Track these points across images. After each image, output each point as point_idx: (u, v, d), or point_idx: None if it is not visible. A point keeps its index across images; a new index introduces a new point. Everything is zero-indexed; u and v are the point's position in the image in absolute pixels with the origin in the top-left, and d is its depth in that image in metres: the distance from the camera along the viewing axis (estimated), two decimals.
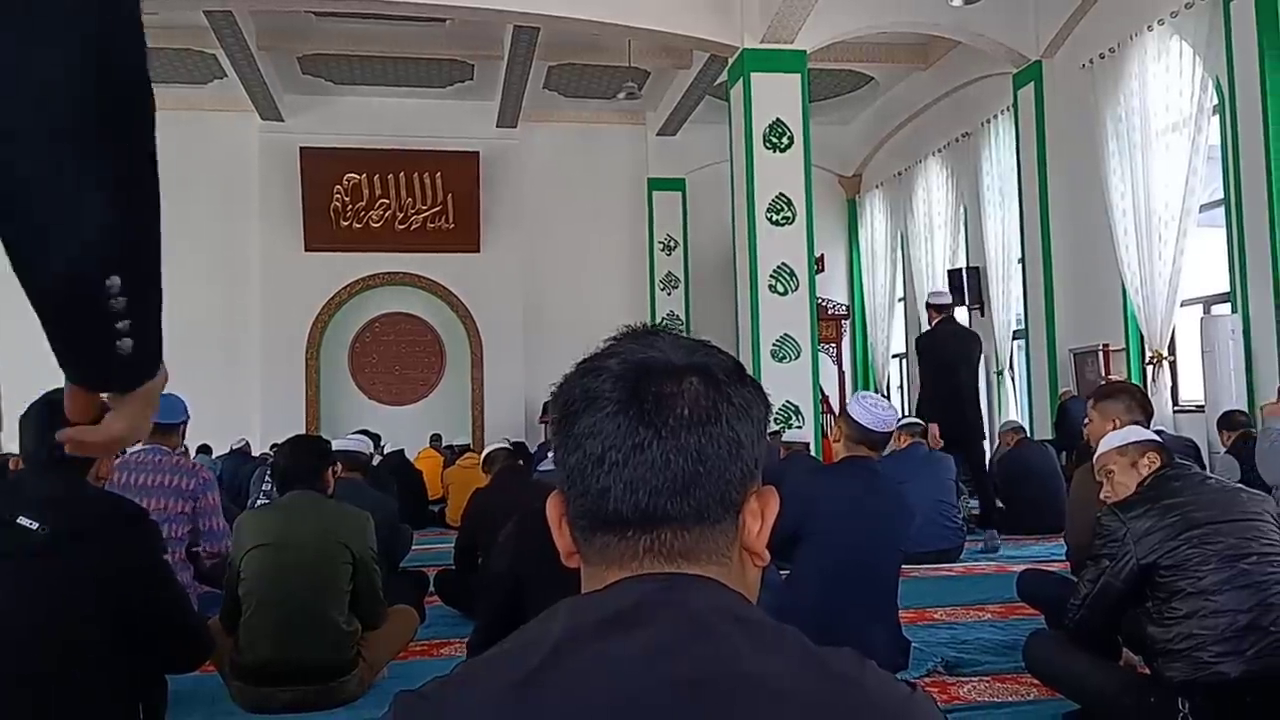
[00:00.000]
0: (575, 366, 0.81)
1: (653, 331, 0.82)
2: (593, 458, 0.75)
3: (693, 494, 0.75)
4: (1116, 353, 9.03)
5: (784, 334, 9.04)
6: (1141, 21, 8.43)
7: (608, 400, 0.76)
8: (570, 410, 0.78)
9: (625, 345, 0.80)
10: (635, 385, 0.76)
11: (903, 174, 13.13)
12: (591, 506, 0.77)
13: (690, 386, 0.76)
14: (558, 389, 0.81)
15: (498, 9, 9.09)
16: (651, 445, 0.74)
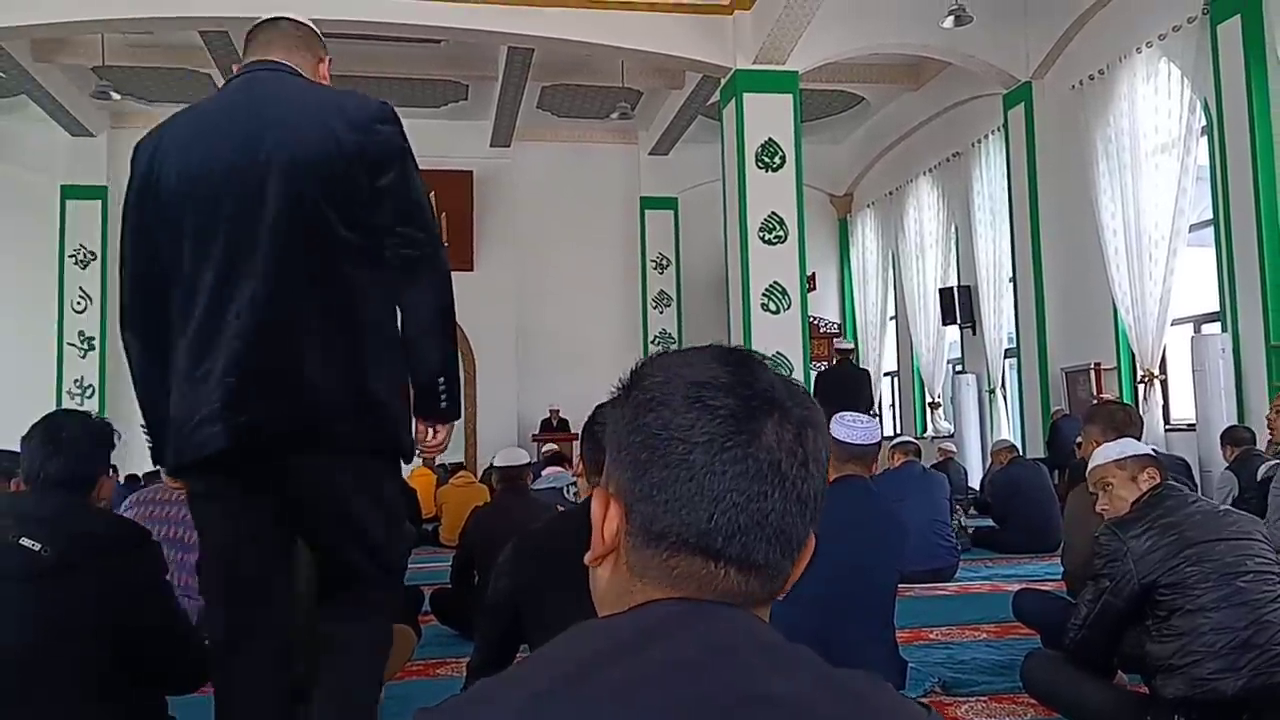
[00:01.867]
0: (665, 377, 0.79)
1: (748, 357, 0.82)
2: (708, 494, 0.74)
3: (788, 540, 0.76)
4: (1108, 371, 9.08)
5: (776, 352, 9.05)
6: (1130, 44, 8.52)
7: (731, 443, 0.75)
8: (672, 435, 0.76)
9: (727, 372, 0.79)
10: (759, 430, 0.76)
11: (894, 193, 13.22)
12: (681, 529, 0.75)
13: (809, 437, 0.77)
14: (643, 402, 0.78)
15: (492, 30, 9.15)
16: (773, 495, 0.75)
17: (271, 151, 1.88)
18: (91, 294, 12.55)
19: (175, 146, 1.95)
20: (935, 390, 12.36)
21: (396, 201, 1.95)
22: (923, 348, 12.41)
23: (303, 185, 1.88)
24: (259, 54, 2.06)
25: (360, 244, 1.92)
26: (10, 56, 9.98)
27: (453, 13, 8.89)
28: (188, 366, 1.89)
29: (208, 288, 1.88)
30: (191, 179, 1.90)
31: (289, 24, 2.12)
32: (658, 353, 0.83)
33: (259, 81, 2.00)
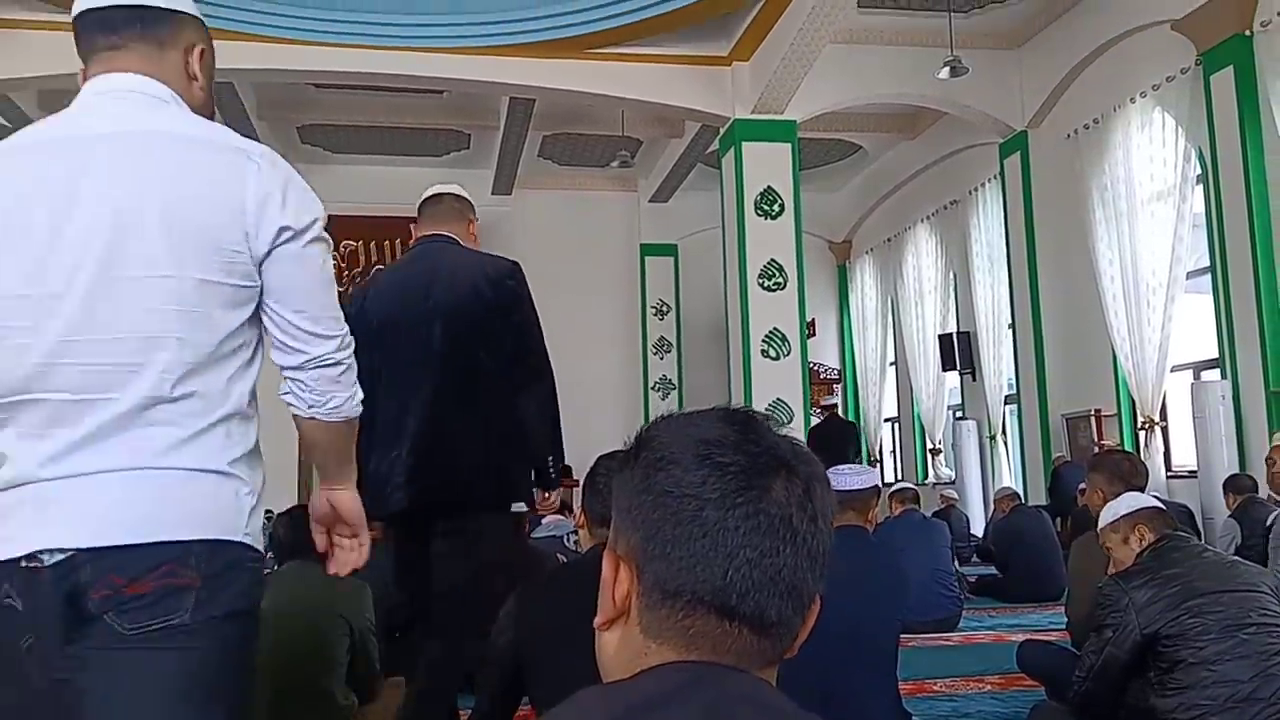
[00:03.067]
0: (673, 437, 0.80)
1: (752, 417, 0.83)
2: (722, 550, 0.75)
3: (799, 597, 0.78)
4: (1109, 418, 9.08)
5: (776, 398, 9.07)
6: (1124, 94, 8.63)
7: (742, 499, 0.76)
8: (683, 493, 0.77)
9: (734, 431, 0.80)
10: (768, 486, 0.77)
11: (892, 240, 13.30)
12: (696, 586, 0.76)
13: (817, 493, 0.79)
14: (652, 461, 0.80)
15: (494, 81, 9.28)
16: (785, 551, 0.76)
17: (436, 303, 2.83)
18: None
19: (377, 294, 2.96)
20: (936, 436, 12.35)
21: (519, 335, 2.88)
22: (923, 394, 12.42)
23: (457, 327, 2.81)
24: (429, 227, 2.99)
25: (494, 366, 2.83)
26: (17, 107, 10.09)
27: (456, 64, 9.03)
28: (383, 449, 2.76)
29: (396, 394, 2.77)
30: (386, 318, 2.85)
31: (450, 199, 3.02)
32: (662, 416, 0.85)
33: (429, 252, 2.95)
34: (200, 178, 1.45)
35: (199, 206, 1.43)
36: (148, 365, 1.41)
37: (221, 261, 1.45)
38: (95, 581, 1.34)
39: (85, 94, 1.53)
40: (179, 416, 1.44)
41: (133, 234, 1.40)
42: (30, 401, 1.40)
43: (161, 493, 1.40)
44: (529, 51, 9.02)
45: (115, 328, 1.40)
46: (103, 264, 1.39)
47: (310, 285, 1.58)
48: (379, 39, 8.80)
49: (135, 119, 1.48)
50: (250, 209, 1.46)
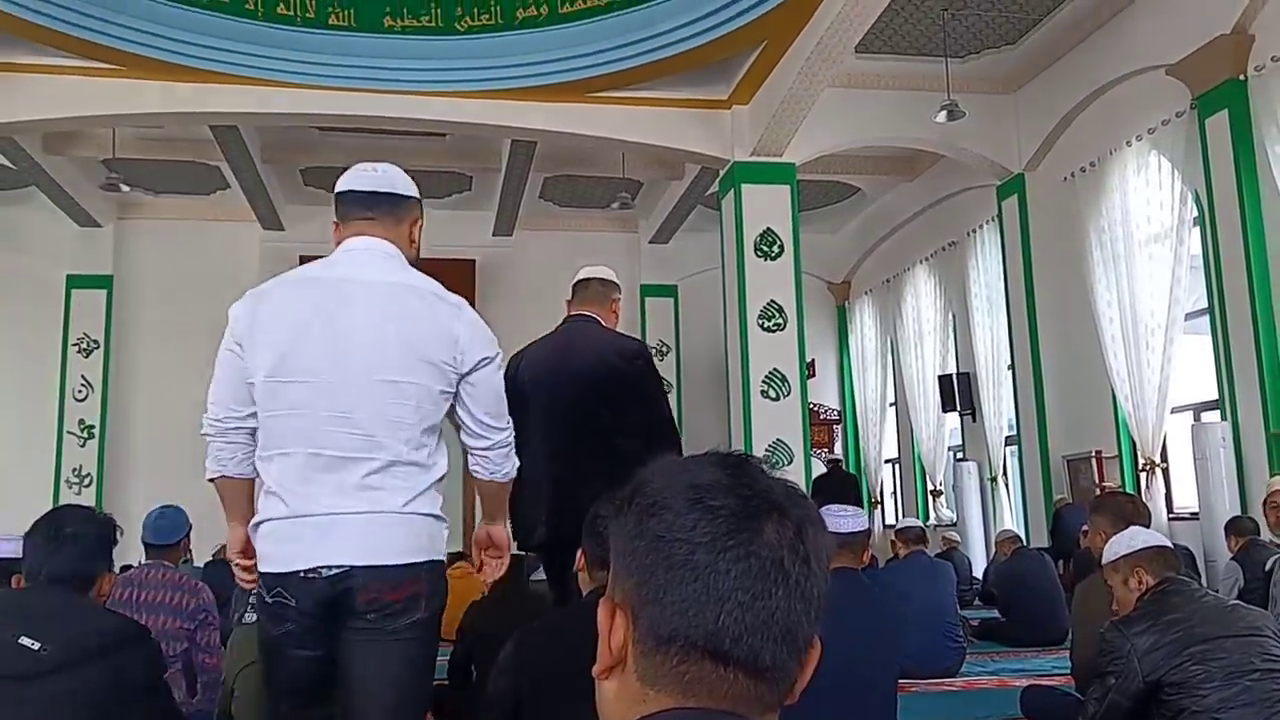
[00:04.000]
0: (666, 483, 0.81)
1: (746, 461, 0.83)
2: (713, 594, 0.75)
3: (794, 640, 0.77)
4: (1110, 460, 9.05)
5: (777, 439, 9.06)
6: (1120, 137, 8.71)
7: (733, 541, 0.76)
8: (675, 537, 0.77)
9: (726, 475, 0.80)
10: (759, 528, 0.77)
11: (891, 281, 13.35)
12: (689, 631, 0.76)
13: (809, 535, 0.79)
14: (645, 506, 0.80)
15: (496, 124, 9.37)
16: (777, 593, 0.76)
17: (574, 372, 3.34)
18: (93, 382, 12.57)
19: (528, 361, 3.47)
20: (937, 478, 12.31)
21: (647, 404, 3.37)
22: (923, 435, 12.40)
23: (589, 393, 3.31)
24: (576, 307, 3.58)
25: (620, 426, 3.26)
26: (22, 149, 10.17)
27: (458, 108, 9.13)
28: (530, 492, 3.08)
29: (540, 446, 3.17)
30: (534, 383, 3.36)
31: (596, 283, 3.62)
32: (657, 461, 0.85)
33: (573, 329, 3.50)
34: (421, 316, 2.13)
35: (422, 336, 2.11)
36: (390, 439, 2.06)
37: (437, 374, 2.13)
38: (362, 589, 2.01)
39: (345, 248, 2.22)
40: (410, 477, 2.12)
41: (379, 351, 2.06)
42: (311, 455, 2.03)
43: (407, 529, 2.09)
44: (531, 95, 9.12)
45: (369, 411, 2.05)
46: (360, 370, 2.04)
47: (493, 395, 2.26)
48: (383, 83, 8.91)
49: (380, 271, 2.16)
50: (461, 341, 2.14)
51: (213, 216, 12.89)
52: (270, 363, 2.04)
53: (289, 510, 2.02)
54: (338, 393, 2.02)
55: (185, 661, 3.32)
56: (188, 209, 12.86)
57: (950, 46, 9.02)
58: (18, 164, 10.59)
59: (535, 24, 9.13)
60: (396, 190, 2.28)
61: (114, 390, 12.69)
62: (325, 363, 2.03)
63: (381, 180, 2.27)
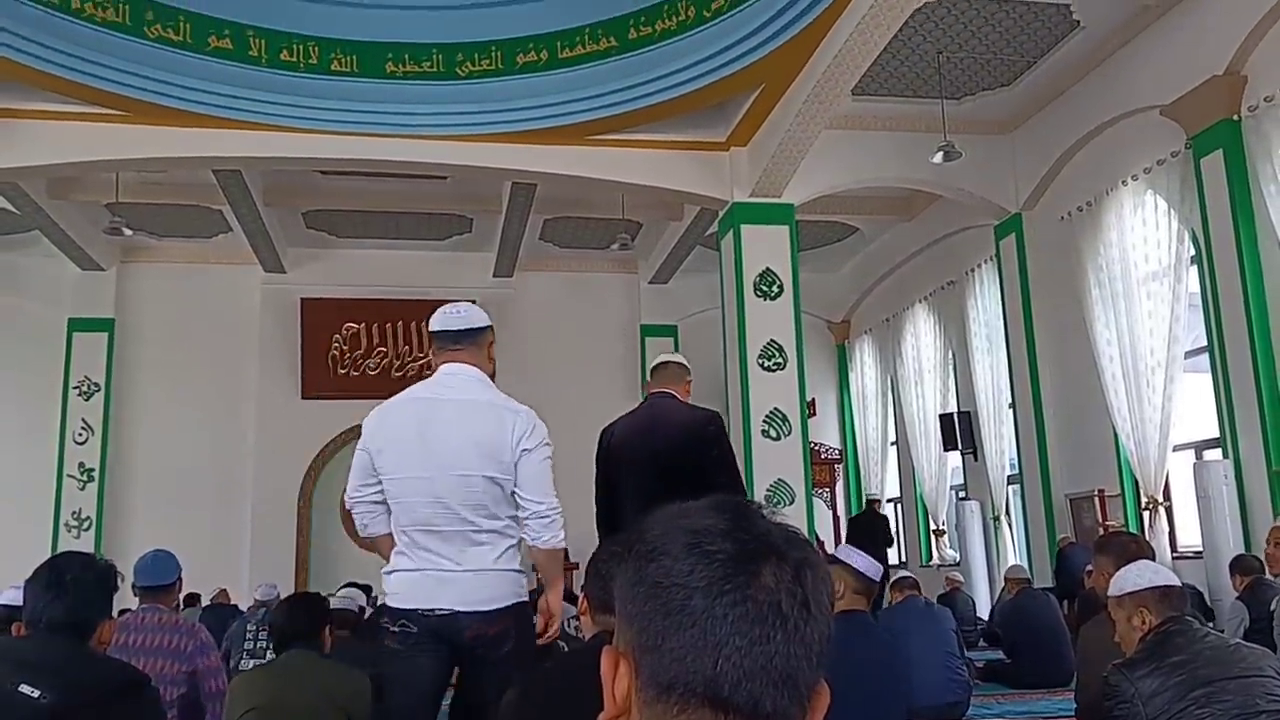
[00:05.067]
0: (665, 529, 0.81)
1: (745, 505, 0.83)
2: (710, 640, 0.75)
3: (794, 686, 0.76)
4: (1112, 498, 9.02)
5: (778, 479, 9.03)
6: (1116, 177, 8.78)
7: (730, 585, 0.76)
8: (672, 583, 0.77)
9: (724, 520, 0.80)
10: (756, 572, 0.77)
11: (891, 320, 13.38)
12: (688, 678, 0.75)
13: (807, 579, 0.78)
14: (644, 553, 0.80)
15: (497, 167, 9.46)
16: (775, 638, 0.75)
17: (656, 441, 3.92)
18: (93, 425, 12.56)
19: (620, 432, 4.11)
20: (939, 517, 12.25)
21: (720, 465, 3.91)
22: (925, 474, 12.36)
23: (673, 455, 3.84)
24: (657, 385, 4.14)
25: (699, 481, 3.55)
26: (26, 194, 10.23)
27: (459, 151, 9.21)
28: None
29: (631, 502, 3.85)
30: (626, 447, 4.02)
31: (674, 366, 4.20)
32: (659, 509, 0.85)
33: (656, 404, 4.10)
34: (492, 424, 2.84)
35: (492, 440, 2.81)
36: (476, 515, 2.79)
37: (503, 467, 2.81)
38: (467, 627, 2.73)
39: (441, 372, 2.94)
40: (495, 541, 2.82)
41: (463, 452, 2.78)
42: (427, 530, 2.80)
43: (497, 581, 2.80)
44: (531, 138, 9.21)
45: (458, 497, 2.78)
46: (448, 467, 2.78)
47: (530, 475, 2.85)
48: (385, 127, 8.99)
49: (464, 392, 2.89)
50: (517, 440, 2.83)
51: (214, 259, 12.97)
52: (389, 463, 2.84)
53: (411, 565, 2.82)
54: (435, 484, 2.78)
55: (183, 706, 3.29)
56: (190, 252, 12.94)
57: (946, 88, 9.11)
58: (21, 209, 10.65)
59: (535, 68, 9.24)
60: (474, 325, 2.99)
61: (114, 433, 12.67)
62: (424, 462, 2.79)
63: (463, 320, 2.99)
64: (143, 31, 8.54)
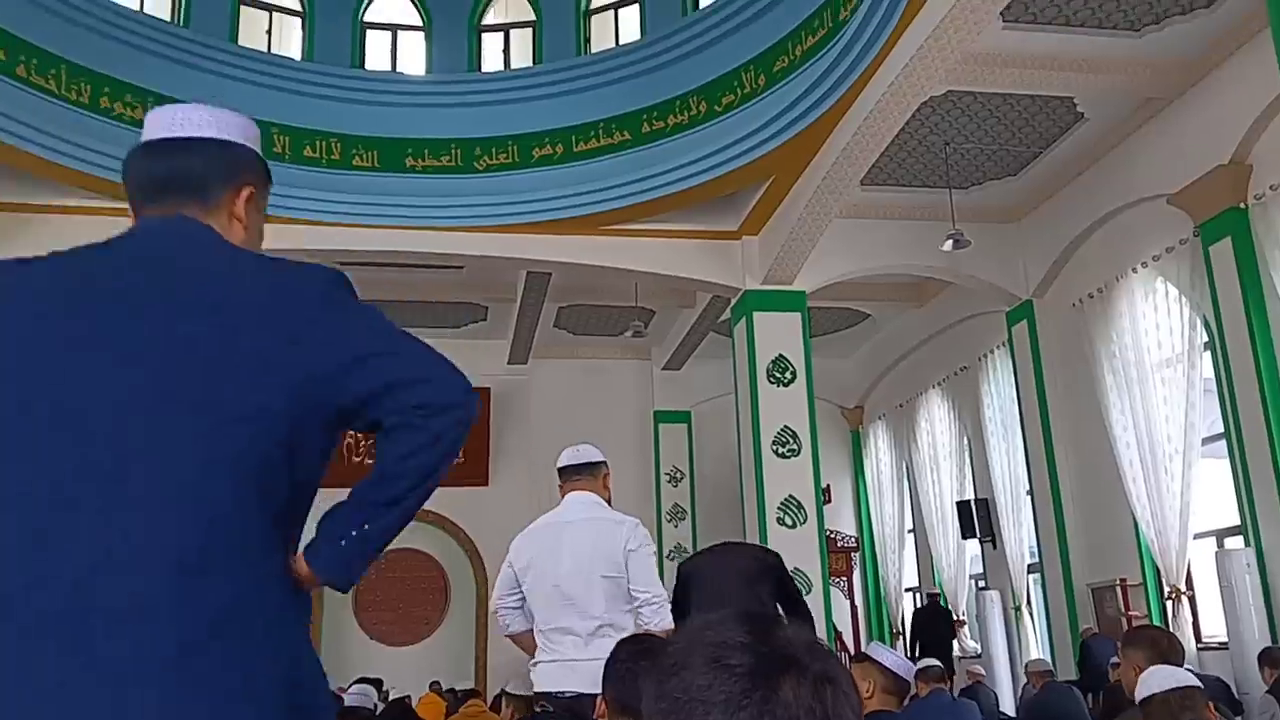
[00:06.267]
0: (688, 642, 0.81)
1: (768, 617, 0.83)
2: None
3: None
4: (1134, 588, 8.86)
5: (794, 568, 8.90)
6: (1126, 264, 8.83)
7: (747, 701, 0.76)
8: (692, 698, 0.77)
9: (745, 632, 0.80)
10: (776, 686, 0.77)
11: (904, 406, 13.34)
12: None
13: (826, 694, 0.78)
14: (667, 667, 0.81)
15: (512, 257, 9.60)
16: None
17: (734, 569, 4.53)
18: None
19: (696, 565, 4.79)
20: (959, 608, 12.03)
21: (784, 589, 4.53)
22: (943, 562, 12.18)
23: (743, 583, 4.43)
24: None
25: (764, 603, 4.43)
26: None
27: (475, 241, 9.38)
28: None
29: None
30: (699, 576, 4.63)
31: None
32: (686, 622, 0.86)
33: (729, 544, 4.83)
34: (610, 535, 3.46)
35: (608, 551, 3.43)
36: (600, 613, 3.39)
37: (617, 567, 3.42)
38: (589, 706, 2.90)
39: (566, 500, 3.62)
40: (617, 632, 3.21)
41: (588, 563, 3.41)
42: (560, 630, 3.42)
43: None
44: (546, 228, 9.37)
45: (585, 600, 3.40)
46: (578, 574, 3.41)
47: (638, 570, 3.44)
48: (404, 219, 9.19)
49: (586, 513, 3.54)
50: (624, 544, 3.44)
51: None
52: (532, 577, 3.53)
53: (548, 658, 3.45)
54: (565, 591, 3.43)
55: None
56: None
57: (953, 178, 9.26)
58: None
59: (551, 161, 9.47)
60: (591, 460, 3.69)
61: None
62: (558, 573, 3.44)
63: (583, 455, 3.70)
64: None
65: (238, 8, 10.02)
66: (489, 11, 10.86)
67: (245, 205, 1.49)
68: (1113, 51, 7.38)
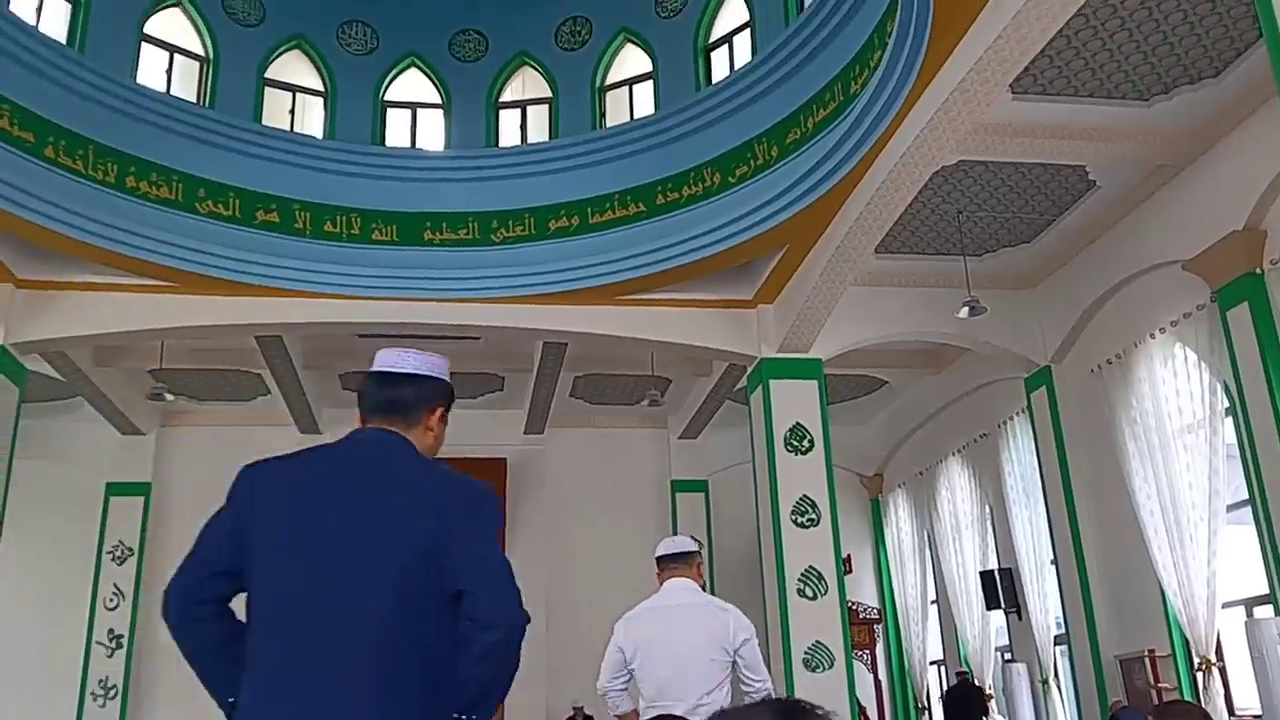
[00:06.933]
0: None
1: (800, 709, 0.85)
2: None
3: None
4: (1163, 659, 8.66)
5: (815, 641, 8.79)
6: (1144, 330, 8.80)
7: None
8: None
9: None
10: None
11: (924, 473, 13.23)
12: None
13: None
14: None
15: (529, 327, 9.67)
16: None
17: None
18: (125, 591, 12.47)
19: None
20: (986, 681, 11.77)
21: None
22: (968, 634, 11.96)
23: None
24: None
25: None
26: (72, 363, 10.51)
27: (492, 312, 9.47)
28: None
29: None
30: None
31: None
32: (718, 710, 0.86)
33: None
34: (717, 621, 3.83)
35: (717, 632, 3.79)
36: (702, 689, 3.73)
37: (724, 651, 3.78)
38: None
39: (665, 586, 3.98)
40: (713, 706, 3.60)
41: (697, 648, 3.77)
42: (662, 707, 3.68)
43: None
44: (562, 299, 9.46)
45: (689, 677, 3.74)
46: (688, 659, 3.76)
47: (752, 658, 3.83)
48: (423, 291, 9.30)
49: (685, 598, 3.92)
50: (734, 634, 3.81)
51: (252, 422, 13.15)
52: (640, 661, 3.87)
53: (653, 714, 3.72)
54: (675, 672, 3.78)
55: None
56: (228, 415, 13.15)
57: (967, 245, 9.30)
58: (67, 376, 10.92)
59: (567, 233, 9.59)
60: (686, 550, 4.07)
61: (145, 599, 12.57)
62: (666, 654, 3.81)
63: (679, 545, 4.08)
64: (194, 207, 8.99)
65: (262, 88, 10.29)
66: (507, 89, 11.11)
67: (436, 419, 2.12)
68: (1122, 121, 7.46)
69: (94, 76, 8.77)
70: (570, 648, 12.62)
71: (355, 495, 1.89)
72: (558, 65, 10.91)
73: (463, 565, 1.82)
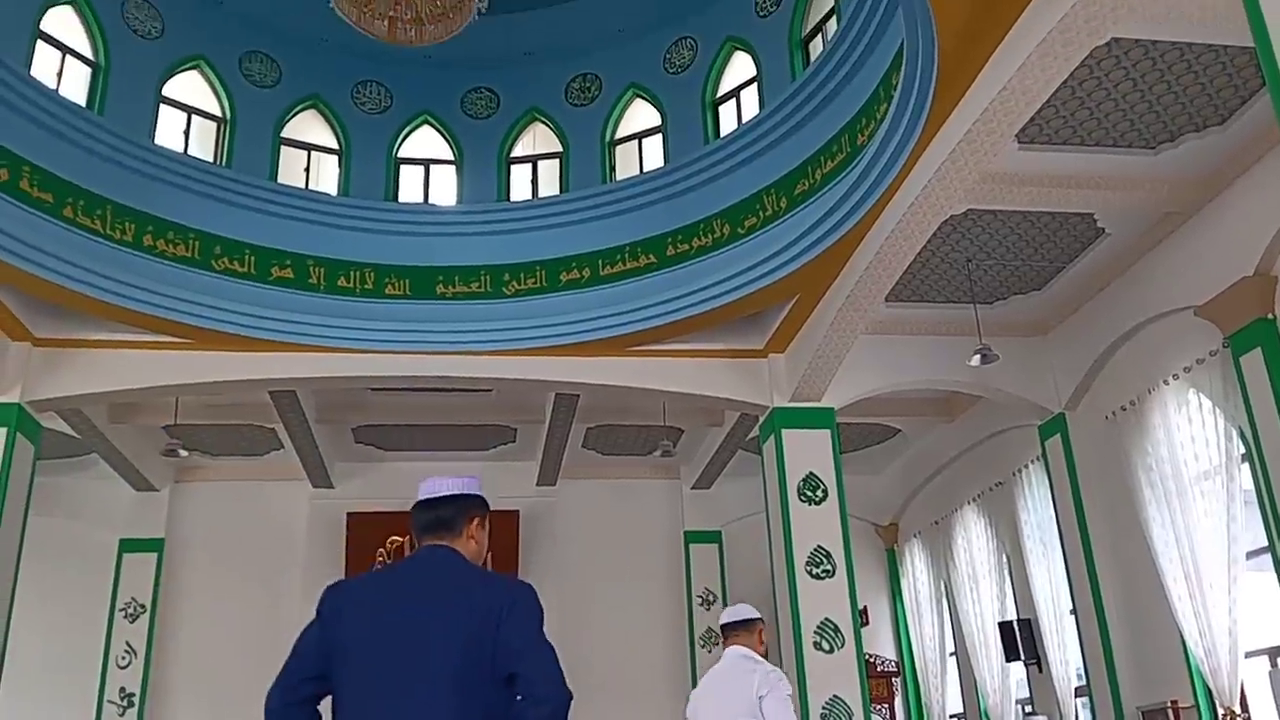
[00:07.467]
0: None
1: None
2: None
3: None
4: (1186, 710, 8.50)
5: (833, 695, 8.68)
6: (1157, 376, 8.76)
7: None
8: None
9: None
10: None
11: (940, 523, 13.11)
12: None
13: None
14: None
15: (541, 379, 9.71)
16: None
17: None
18: (137, 649, 12.37)
19: None
20: None
21: None
22: (988, 687, 11.76)
23: None
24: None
25: None
26: (87, 419, 10.56)
27: (504, 365, 9.51)
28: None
29: None
30: None
31: None
32: None
33: None
34: (746, 678, 4.37)
35: (746, 693, 4.32)
36: None
37: (751, 709, 4.29)
38: None
39: (726, 653, 4.60)
40: None
41: (728, 700, 4.42)
42: None
43: None
44: (574, 351, 9.50)
45: None
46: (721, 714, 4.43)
47: (777, 711, 4.26)
48: (435, 345, 9.37)
49: (735, 664, 4.52)
50: (756, 688, 4.31)
51: (265, 476, 13.18)
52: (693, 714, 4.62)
53: None
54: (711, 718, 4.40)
55: None
56: (241, 470, 13.17)
57: (977, 294, 9.32)
58: (82, 433, 10.96)
59: (578, 285, 9.66)
60: (748, 617, 4.60)
61: (156, 657, 12.49)
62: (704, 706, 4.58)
63: (739, 614, 4.65)
64: (210, 264, 9.11)
65: (278, 147, 10.45)
66: (518, 144, 11.26)
67: (476, 527, 2.57)
68: (1130, 169, 7.51)
69: (113, 138, 8.94)
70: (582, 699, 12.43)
71: (417, 607, 2.33)
72: (568, 120, 11.07)
73: (515, 653, 2.25)
